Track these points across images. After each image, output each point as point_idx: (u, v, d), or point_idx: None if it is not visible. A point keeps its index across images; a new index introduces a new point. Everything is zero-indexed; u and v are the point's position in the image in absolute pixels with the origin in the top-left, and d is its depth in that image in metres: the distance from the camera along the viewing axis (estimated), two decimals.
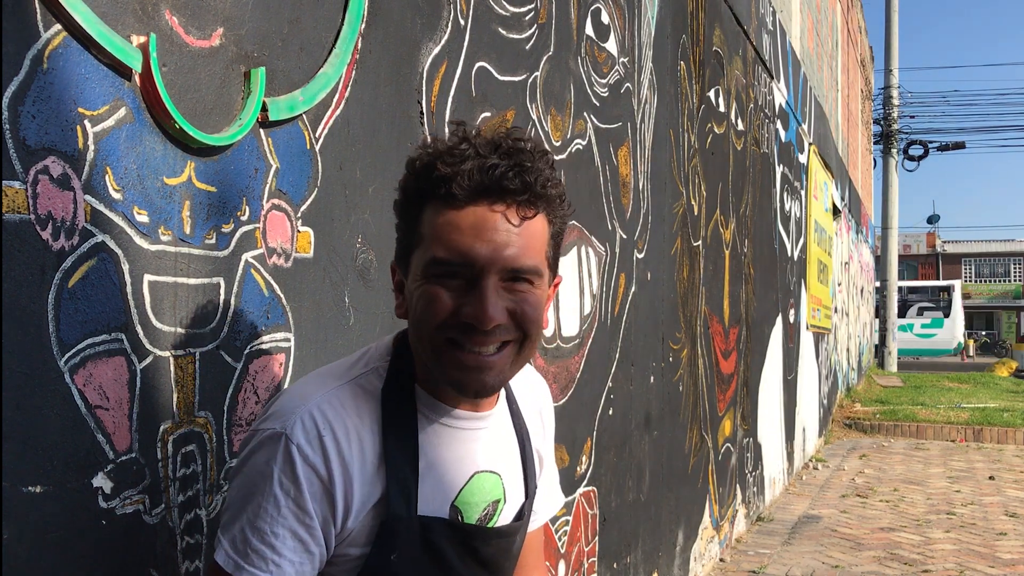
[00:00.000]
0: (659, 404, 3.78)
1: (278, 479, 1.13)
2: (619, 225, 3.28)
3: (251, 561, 1.12)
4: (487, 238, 1.11)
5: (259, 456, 1.15)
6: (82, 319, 1.21)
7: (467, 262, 1.11)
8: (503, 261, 1.12)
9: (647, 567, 3.66)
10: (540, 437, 1.42)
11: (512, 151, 1.13)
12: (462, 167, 1.11)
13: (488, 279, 1.12)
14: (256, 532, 1.12)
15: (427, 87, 2.08)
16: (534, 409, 1.41)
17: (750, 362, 5.68)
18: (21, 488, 1.13)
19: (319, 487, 1.14)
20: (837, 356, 11.48)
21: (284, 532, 1.13)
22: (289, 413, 1.16)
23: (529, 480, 1.34)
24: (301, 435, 1.13)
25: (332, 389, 1.19)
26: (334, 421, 1.16)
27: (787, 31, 7.00)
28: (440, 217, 1.12)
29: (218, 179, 1.46)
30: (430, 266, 1.13)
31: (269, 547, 1.12)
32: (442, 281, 1.13)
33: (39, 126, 1.16)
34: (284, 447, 1.13)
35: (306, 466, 1.13)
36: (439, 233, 1.12)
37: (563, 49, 2.80)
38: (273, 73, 1.57)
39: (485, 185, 1.11)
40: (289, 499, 1.13)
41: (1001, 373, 19.62)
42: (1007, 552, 5.08)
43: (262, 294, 1.55)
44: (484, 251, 1.11)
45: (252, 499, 1.13)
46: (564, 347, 2.80)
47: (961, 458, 8.61)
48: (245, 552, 1.12)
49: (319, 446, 1.14)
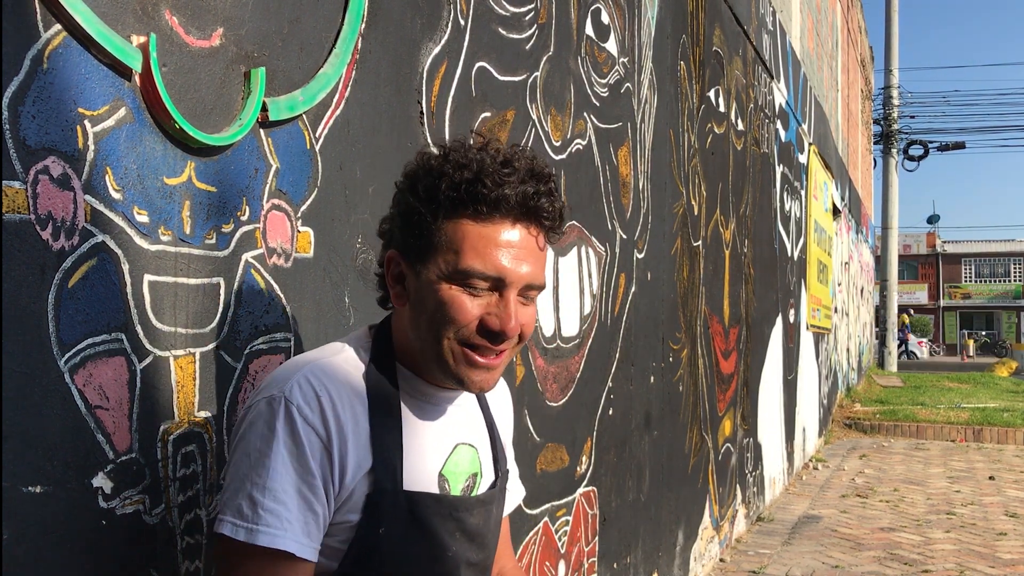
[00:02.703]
0: (659, 404, 3.78)
1: (282, 439, 1.17)
2: (619, 225, 3.28)
3: (265, 521, 1.14)
4: (520, 257, 1.23)
5: (259, 423, 1.19)
6: (82, 319, 1.21)
7: (500, 276, 1.22)
8: (527, 279, 1.24)
9: (647, 567, 3.66)
10: (504, 428, 1.50)
11: (544, 176, 1.25)
12: (505, 191, 1.20)
13: (512, 292, 1.23)
14: (267, 492, 1.15)
15: (427, 87, 2.08)
16: (498, 401, 1.50)
17: (750, 362, 5.68)
18: (21, 488, 1.13)
19: (319, 445, 1.18)
20: (837, 356, 11.48)
21: (292, 491, 1.16)
22: (284, 380, 1.21)
23: (499, 461, 1.42)
24: (299, 396, 1.19)
25: (323, 359, 1.26)
26: (329, 384, 1.22)
27: (787, 31, 7.00)
28: (477, 230, 1.21)
29: (218, 179, 1.46)
30: (460, 274, 1.21)
31: (282, 504, 1.15)
32: (468, 289, 1.22)
33: (39, 126, 1.16)
34: (284, 409, 1.18)
35: (306, 425, 1.18)
36: (475, 245, 1.21)
37: (563, 49, 2.80)
38: (273, 73, 1.57)
39: (526, 209, 1.23)
40: (293, 458, 1.17)
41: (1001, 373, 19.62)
42: (1007, 552, 5.08)
43: (262, 294, 1.55)
44: (516, 269, 1.22)
45: (259, 463, 1.16)
46: (564, 347, 2.80)
47: (961, 458, 8.61)
48: (257, 514, 1.14)
49: (317, 406, 1.19)
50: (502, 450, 1.44)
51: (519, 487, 1.58)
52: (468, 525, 1.31)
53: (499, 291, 1.23)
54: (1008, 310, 48.53)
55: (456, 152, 1.23)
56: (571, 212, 2.83)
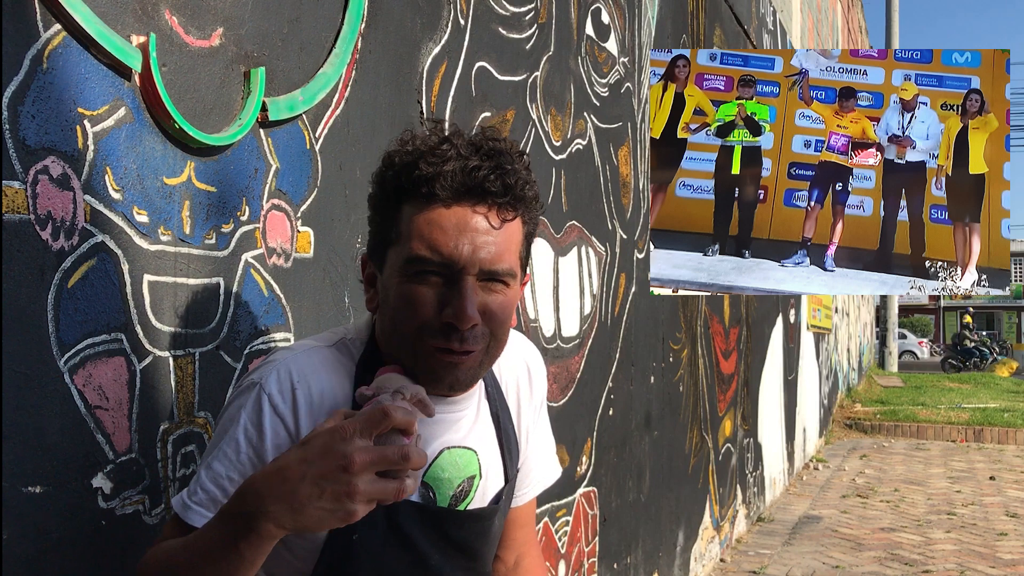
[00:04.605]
0: (659, 404, 3.78)
1: (244, 425, 1.13)
2: (619, 225, 3.28)
3: (198, 499, 1.11)
4: (468, 239, 1.12)
5: (233, 405, 1.16)
6: (82, 319, 1.21)
7: (448, 262, 1.12)
8: (482, 262, 1.13)
9: (647, 567, 3.66)
10: (528, 410, 1.40)
11: (493, 152, 1.14)
12: (444, 168, 1.12)
13: (467, 279, 1.13)
14: (209, 472, 1.12)
15: (427, 87, 2.08)
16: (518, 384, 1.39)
17: (750, 362, 5.68)
18: (21, 488, 1.13)
19: (285, 439, 1.13)
20: (837, 356, 11.48)
21: (238, 478, 1.11)
22: (268, 365, 1.17)
23: (509, 466, 1.33)
24: (274, 385, 1.14)
25: (313, 348, 1.21)
26: (310, 377, 1.16)
27: (787, 31, 7.00)
28: (421, 216, 1.13)
29: (218, 179, 1.46)
30: (409, 263, 1.13)
31: (220, 489, 1.11)
32: (422, 280, 1.13)
33: (39, 126, 1.16)
34: (256, 396, 1.14)
35: (274, 416, 1.13)
36: (420, 231, 1.13)
37: (563, 49, 2.80)
38: (273, 73, 1.57)
39: (468, 186, 1.12)
40: (250, 446, 1.12)
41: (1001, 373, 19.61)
42: (1008, 552, 5.08)
43: (262, 294, 1.55)
44: (465, 251, 1.12)
45: (217, 443, 1.14)
46: (564, 347, 2.80)
47: (962, 458, 8.61)
48: (195, 492, 1.11)
49: (291, 398, 1.14)
50: (514, 454, 1.35)
51: (551, 466, 1.48)
52: (455, 537, 1.25)
53: (453, 278, 1.13)
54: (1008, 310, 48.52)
55: (404, 138, 1.18)
56: (571, 212, 2.84)
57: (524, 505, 1.44)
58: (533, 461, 1.43)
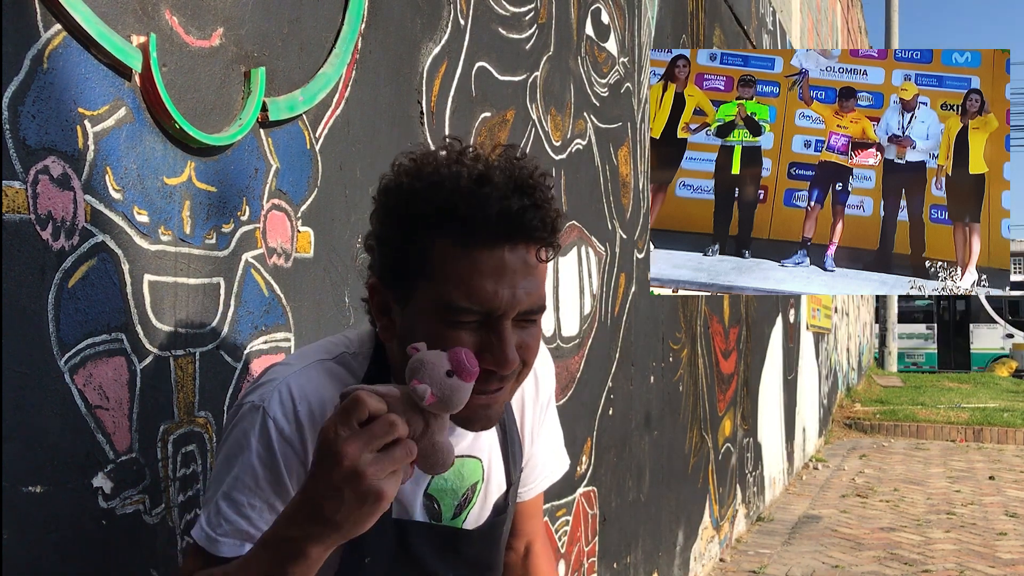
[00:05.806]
0: (659, 404, 3.78)
1: (256, 450, 1.12)
2: (619, 225, 3.28)
3: (223, 530, 1.11)
4: (509, 283, 1.08)
5: (238, 429, 1.15)
6: (82, 319, 1.21)
7: (488, 309, 1.08)
8: (522, 305, 1.09)
9: (647, 567, 3.66)
10: (533, 410, 1.39)
11: (529, 187, 1.09)
12: (486, 211, 1.06)
13: (505, 324, 1.09)
14: (232, 504, 1.11)
15: (427, 87, 2.08)
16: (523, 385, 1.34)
17: (750, 362, 5.68)
18: (21, 488, 1.13)
19: (294, 460, 1.13)
20: (837, 356, 11.48)
21: (261, 504, 1.11)
22: (268, 385, 1.16)
23: (512, 470, 1.33)
24: (278, 408, 1.13)
25: (314, 363, 1.19)
26: (311, 394, 1.15)
27: (787, 31, 7.00)
28: (458, 257, 1.08)
29: (218, 179, 1.46)
30: (448, 311, 1.08)
31: (245, 519, 1.11)
32: (458, 325, 1.08)
33: (39, 126, 1.16)
34: (261, 420, 1.13)
35: (282, 441, 1.12)
36: (460, 275, 1.07)
37: (563, 49, 2.80)
38: (273, 73, 1.57)
39: (510, 230, 1.08)
40: (267, 470, 1.12)
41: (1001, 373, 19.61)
42: (1007, 552, 5.08)
43: (262, 294, 1.55)
44: (506, 297, 1.08)
45: (230, 471, 1.13)
46: (564, 347, 2.80)
47: (961, 458, 8.61)
48: (219, 524, 1.11)
49: (294, 418, 1.13)
50: (519, 451, 1.35)
51: (560, 459, 1.48)
52: (467, 554, 1.25)
53: (492, 322, 1.08)
54: None
55: (427, 166, 1.10)
56: (571, 212, 2.84)
57: (533, 498, 1.45)
58: (541, 456, 1.43)
